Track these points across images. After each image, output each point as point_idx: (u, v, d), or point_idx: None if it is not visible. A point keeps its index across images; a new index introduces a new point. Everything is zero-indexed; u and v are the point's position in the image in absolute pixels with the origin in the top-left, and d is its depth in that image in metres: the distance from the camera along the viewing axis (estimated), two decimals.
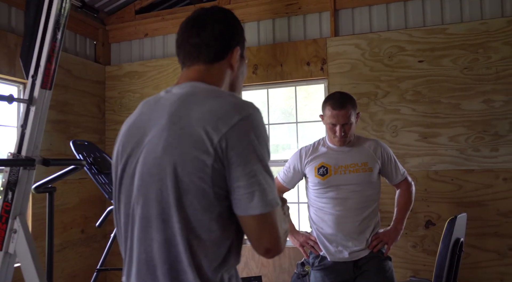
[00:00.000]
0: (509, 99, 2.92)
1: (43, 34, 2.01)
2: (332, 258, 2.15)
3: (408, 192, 2.28)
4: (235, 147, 0.87)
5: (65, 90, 3.51)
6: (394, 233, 2.20)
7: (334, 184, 2.16)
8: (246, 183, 0.87)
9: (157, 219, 0.92)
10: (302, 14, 3.52)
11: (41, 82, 1.97)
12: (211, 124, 0.88)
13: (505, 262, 2.88)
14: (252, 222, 0.89)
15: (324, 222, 2.18)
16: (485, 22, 3.01)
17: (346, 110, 2.11)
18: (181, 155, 0.89)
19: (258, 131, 0.91)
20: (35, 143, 1.96)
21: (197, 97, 0.95)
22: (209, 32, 1.04)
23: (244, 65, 1.14)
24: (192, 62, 1.05)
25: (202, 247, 0.90)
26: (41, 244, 2.55)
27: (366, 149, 2.21)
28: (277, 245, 0.91)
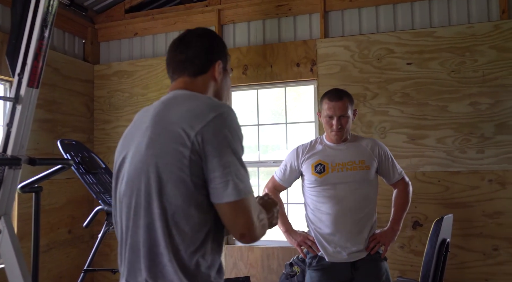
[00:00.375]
0: (494, 102, 2.96)
1: (30, 32, 1.99)
2: (331, 258, 2.13)
3: (405, 192, 2.27)
4: (210, 141, 0.98)
5: (53, 89, 3.47)
6: (391, 234, 2.19)
7: (331, 182, 2.14)
8: (221, 173, 0.98)
9: (143, 207, 1.03)
10: (292, 15, 3.54)
11: (27, 80, 1.95)
12: (188, 122, 1.00)
13: (490, 262, 2.92)
14: (227, 208, 0.99)
15: (321, 222, 2.16)
16: (471, 26, 3.05)
17: (343, 102, 2.13)
18: (161, 148, 1.01)
19: (231, 127, 1.02)
20: (21, 142, 1.94)
21: (177, 100, 1.09)
22: (192, 50, 1.18)
23: (228, 78, 1.27)
24: (179, 76, 1.20)
25: (180, 232, 1.00)
26: (26, 244, 2.52)
27: (363, 147, 2.21)
28: (251, 230, 1.00)
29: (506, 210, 2.90)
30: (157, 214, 1.00)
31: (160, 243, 1.00)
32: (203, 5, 3.73)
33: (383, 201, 2.40)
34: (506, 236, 2.89)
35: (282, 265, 3.22)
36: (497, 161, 2.93)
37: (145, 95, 3.78)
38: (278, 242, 3.43)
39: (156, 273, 1.01)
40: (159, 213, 1.00)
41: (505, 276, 2.88)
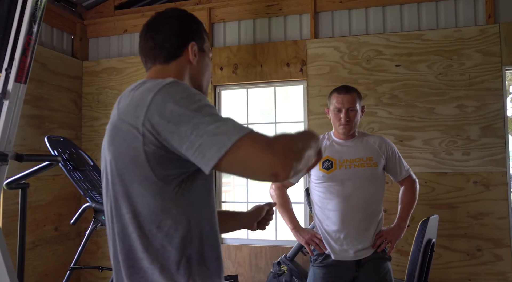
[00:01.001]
0: (480, 105, 3.02)
1: (18, 26, 1.96)
2: (337, 256, 2.12)
3: (412, 190, 2.27)
4: (159, 122, 0.88)
5: (40, 84, 3.43)
6: (398, 231, 2.19)
7: (339, 178, 2.14)
8: (188, 144, 0.85)
9: (114, 214, 0.99)
10: (282, 15, 3.55)
11: (15, 76, 1.93)
12: (131, 115, 0.93)
13: (474, 263, 2.97)
14: (226, 167, 0.85)
15: (328, 219, 2.15)
16: (459, 29, 3.10)
17: (352, 95, 2.16)
18: (117, 150, 0.96)
19: (175, 97, 0.89)
20: (8, 137, 1.91)
21: (125, 94, 1.01)
22: (161, 34, 1.10)
23: (206, 59, 1.16)
24: (151, 64, 1.12)
25: (158, 231, 0.94)
26: (11, 241, 2.49)
27: (371, 144, 2.21)
28: (275, 165, 0.82)
29: (490, 211, 2.96)
30: (128, 218, 0.95)
31: (137, 247, 0.94)
32: (194, 3, 3.72)
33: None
34: (490, 236, 2.95)
35: (270, 264, 3.23)
36: (482, 163, 2.99)
37: None
38: (266, 241, 3.44)
39: (138, 279, 0.95)
40: (130, 217, 0.94)
41: (488, 276, 2.94)
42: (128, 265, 0.96)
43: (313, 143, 0.96)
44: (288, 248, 3.03)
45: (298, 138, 0.91)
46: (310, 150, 0.94)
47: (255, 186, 3.71)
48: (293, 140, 0.89)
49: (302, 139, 0.92)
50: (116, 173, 0.96)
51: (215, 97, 3.63)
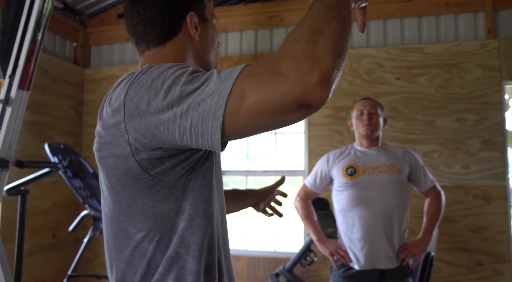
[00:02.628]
0: (480, 118, 3.03)
1: (22, 34, 1.98)
2: (361, 266, 2.10)
3: (437, 202, 2.24)
4: (140, 120, 0.72)
5: (41, 91, 3.44)
6: (423, 244, 2.14)
7: (362, 185, 2.12)
8: (179, 131, 0.69)
9: (119, 237, 0.84)
10: (284, 27, 3.58)
11: (18, 82, 1.94)
12: (111, 122, 0.77)
13: (473, 277, 2.96)
14: (237, 132, 0.68)
15: (353, 226, 2.12)
16: (459, 44, 3.13)
17: (374, 101, 2.22)
18: (106, 166, 0.81)
19: (146, 83, 0.73)
20: (9, 144, 1.92)
21: (108, 96, 0.83)
22: (149, 8, 0.87)
23: (210, 29, 0.94)
24: (144, 47, 0.91)
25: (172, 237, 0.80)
26: (8, 248, 2.47)
27: (394, 152, 2.21)
28: (291, 85, 0.61)
29: (489, 225, 2.95)
30: (139, 237, 0.80)
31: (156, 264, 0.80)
32: None
33: None
34: (490, 251, 2.94)
35: (268, 275, 3.21)
36: (482, 176, 2.99)
37: None
38: (264, 252, 3.43)
39: None
40: (142, 236, 0.80)
41: None
42: None
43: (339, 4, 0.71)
44: (286, 259, 3.01)
45: (313, 22, 0.68)
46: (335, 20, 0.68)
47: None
48: (303, 37, 0.65)
49: (319, 17, 0.68)
50: (113, 191, 0.81)
51: None
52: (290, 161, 3.70)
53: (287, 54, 0.64)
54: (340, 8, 0.72)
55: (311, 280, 3.17)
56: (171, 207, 0.79)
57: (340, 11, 0.71)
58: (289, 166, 3.65)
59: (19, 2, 2.01)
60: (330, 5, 0.71)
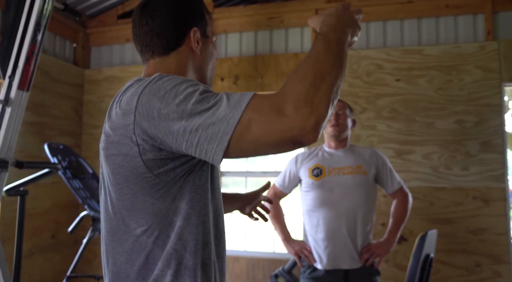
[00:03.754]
0: (479, 120, 3.03)
1: (22, 34, 1.98)
2: (324, 266, 2.14)
3: (404, 203, 2.27)
4: (149, 125, 0.79)
5: (41, 92, 3.44)
6: (387, 246, 2.18)
7: (328, 186, 2.15)
8: (186, 143, 0.77)
9: (118, 230, 0.89)
10: (284, 28, 3.58)
11: (18, 83, 1.94)
12: (122, 123, 0.84)
13: (472, 279, 2.96)
14: (237, 154, 0.77)
15: (318, 226, 2.16)
16: (458, 45, 3.13)
17: (342, 103, 2.24)
18: (113, 163, 0.87)
19: (159, 93, 0.80)
20: (9, 144, 1.92)
21: (117, 99, 0.90)
22: (158, 20, 0.96)
23: (210, 45, 1.03)
24: (149, 56, 0.99)
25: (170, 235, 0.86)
26: (7, 249, 2.47)
27: (361, 154, 2.25)
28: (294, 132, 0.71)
29: (489, 227, 2.95)
30: (140, 231, 0.86)
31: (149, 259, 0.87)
32: None
33: None
34: (489, 252, 2.94)
35: (267, 276, 3.21)
36: (481, 178, 2.99)
37: None
38: (263, 253, 3.43)
39: None
40: (142, 230, 0.86)
41: None
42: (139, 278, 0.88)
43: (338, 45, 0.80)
44: (286, 260, 3.01)
45: (314, 63, 0.76)
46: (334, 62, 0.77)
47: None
48: (306, 76, 0.74)
49: (319, 59, 0.77)
50: (118, 187, 0.87)
51: None
52: None
53: (291, 94, 0.72)
54: (340, 52, 0.81)
55: None
56: (169, 206, 0.86)
57: (340, 56, 0.81)
58: None
59: (19, 3, 2.01)
60: (333, 47, 0.81)
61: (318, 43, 0.82)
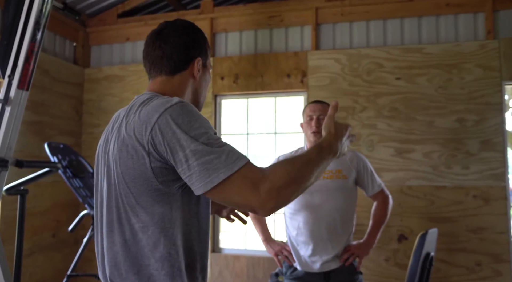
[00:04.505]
0: (480, 119, 3.03)
1: (22, 34, 1.98)
2: (304, 268, 2.17)
3: (384, 205, 2.31)
4: (161, 143, 0.95)
5: (41, 91, 3.44)
6: (366, 247, 2.22)
7: (308, 190, 2.14)
8: (181, 169, 0.94)
9: (117, 223, 1.02)
10: (284, 27, 3.58)
11: (18, 82, 1.94)
12: (138, 132, 0.98)
13: (473, 277, 2.96)
14: (212, 196, 0.96)
15: (298, 229, 2.19)
16: (459, 44, 3.13)
17: (323, 105, 2.23)
18: (125, 164, 0.99)
19: (178, 120, 0.95)
20: (8, 143, 1.92)
21: (133, 109, 1.04)
22: (170, 45, 1.12)
23: (207, 74, 1.21)
24: (156, 74, 1.15)
25: (163, 240, 0.99)
26: (8, 248, 2.48)
27: (342, 158, 2.22)
28: (256, 202, 0.92)
29: (489, 225, 2.95)
30: (137, 227, 0.99)
31: (144, 254, 0.99)
32: (196, 13, 3.75)
33: (365, 213, 2.43)
34: (489, 251, 2.94)
35: (268, 275, 3.21)
36: (482, 177, 2.99)
37: None
38: (264, 251, 3.43)
39: None
40: (139, 227, 0.98)
41: None
42: (133, 271, 0.99)
43: (322, 163, 1.05)
44: None
45: (300, 167, 0.98)
46: (312, 174, 1.01)
47: None
48: (290, 173, 0.95)
49: (305, 167, 0.99)
50: (126, 185, 0.99)
51: (215, 107, 3.64)
52: None
53: (271, 180, 0.93)
54: (323, 169, 1.07)
55: None
56: (166, 212, 0.99)
57: (321, 171, 1.07)
58: None
59: (18, 2, 2.00)
60: (321, 163, 1.05)
61: (314, 153, 1.06)
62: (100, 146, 1.14)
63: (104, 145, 1.10)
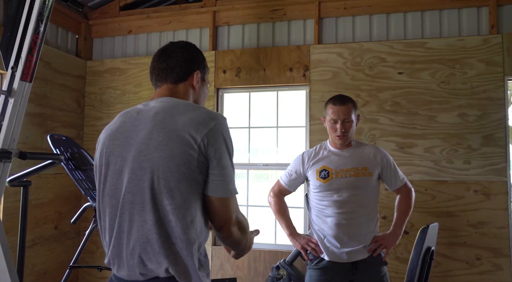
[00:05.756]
0: (482, 114, 3.02)
1: (25, 25, 1.98)
2: (332, 258, 2.20)
3: (408, 198, 2.35)
4: (213, 144, 1.15)
5: (44, 83, 3.45)
6: (393, 238, 2.27)
7: (335, 187, 2.21)
8: (218, 172, 1.15)
9: (150, 204, 1.14)
10: (286, 20, 3.56)
11: (21, 74, 1.94)
12: (193, 128, 1.15)
13: (473, 272, 2.97)
14: (216, 202, 1.17)
15: (325, 224, 2.23)
16: (462, 39, 3.12)
17: (347, 107, 2.21)
18: (171, 150, 1.13)
19: (227, 134, 1.20)
20: (12, 135, 1.93)
21: (179, 109, 1.21)
22: (173, 60, 1.32)
23: (205, 88, 1.41)
24: (162, 83, 1.33)
25: (191, 222, 1.14)
26: (10, 239, 2.49)
27: (366, 154, 2.28)
28: (229, 224, 1.20)
29: (490, 220, 2.96)
30: (169, 209, 1.12)
31: (173, 233, 1.12)
32: (199, 6, 3.74)
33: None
34: (489, 246, 2.95)
35: (269, 268, 3.23)
36: (483, 172, 2.99)
37: (137, 93, 3.77)
38: (265, 244, 3.44)
39: (174, 260, 1.13)
40: (171, 208, 1.12)
41: None
42: (165, 248, 1.13)
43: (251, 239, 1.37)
44: (287, 252, 3.03)
45: (247, 233, 1.32)
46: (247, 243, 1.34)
47: (255, 190, 3.71)
48: (245, 232, 1.29)
49: (248, 235, 1.33)
50: (168, 169, 1.12)
51: (217, 100, 3.64)
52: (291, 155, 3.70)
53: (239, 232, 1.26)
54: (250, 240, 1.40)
55: None
56: (195, 200, 1.15)
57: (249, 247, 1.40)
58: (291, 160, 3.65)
59: None
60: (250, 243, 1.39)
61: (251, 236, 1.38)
62: (110, 137, 1.24)
63: (125, 133, 1.22)
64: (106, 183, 1.23)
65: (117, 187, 1.20)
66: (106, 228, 1.23)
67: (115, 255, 1.20)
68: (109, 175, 1.22)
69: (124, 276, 1.19)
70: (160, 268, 1.13)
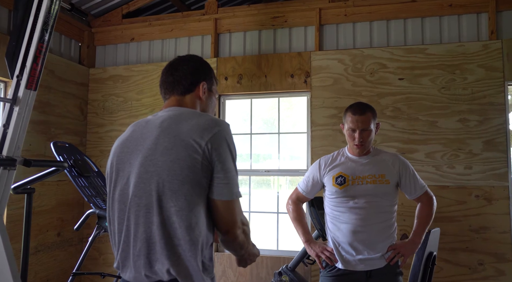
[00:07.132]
0: (482, 119, 3.04)
1: (30, 34, 2.01)
2: (346, 266, 2.15)
3: (429, 206, 2.27)
4: (217, 148, 1.19)
5: (47, 90, 3.47)
6: (412, 246, 2.19)
7: (351, 194, 2.17)
8: (223, 176, 1.19)
9: (156, 206, 1.18)
10: (288, 27, 3.60)
11: (26, 82, 1.96)
12: (198, 133, 1.20)
13: (475, 277, 2.97)
14: (220, 205, 1.21)
15: (340, 231, 2.19)
16: (462, 44, 3.14)
17: (366, 116, 2.16)
18: (176, 154, 1.18)
19: (230, 139, 1.25)
20: (16, 143, 1.94)
21: (184, 116, 1.27)
22: (180, 72, 1.38)
23: (213, 98, 1.46)
24: (170, 95, 1.39)
25: (195, 225, 1.17)
26: (15, 246, 2.50)
27: (385, 162, 2.23)
28: (234, 228, 1.24)
29: (492, 225, 2.96)
30: (173, 211, 1.16)
31: (176, 235, 1.16)
32: (200, 13, 3.78)
33: None
34: (492, 251, 2.95)
35: (271, 274, 3.24)
36: (484, 177, 3.00)
37: (140, 100, 3.79)
38: (267, 250, 3.45)
39: (176, 261, 1.16)
40: (175, 210, 1.16)
41: None
42: (168, 249, 1.16)
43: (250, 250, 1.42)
44: (290, 258, 3.04)
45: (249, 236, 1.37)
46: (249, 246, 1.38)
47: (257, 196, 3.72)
48: (248, 235, 1.34)
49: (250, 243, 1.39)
50: (173, 172, 1.17)
51: (219, 107, 3.66)
52: (293, 161, 3.72)
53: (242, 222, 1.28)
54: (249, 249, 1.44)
55: (314, 279, 3.19)
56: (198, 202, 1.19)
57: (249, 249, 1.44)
58: (292, 166, 3.68)
59: (27, 3, 2.03)
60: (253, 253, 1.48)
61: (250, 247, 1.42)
62: (121, 146, 1.31)
63: (134, 142, 1.28)
64: (116, 189, 1.28)
65: (125, 192, 1.25)
66: (115, 232, 1.27)
67: (123, 258, 1.24)
68: (119, 181, 1.27)
69: (131, 278, 1.22)
70: (163, 269, 1.16)
